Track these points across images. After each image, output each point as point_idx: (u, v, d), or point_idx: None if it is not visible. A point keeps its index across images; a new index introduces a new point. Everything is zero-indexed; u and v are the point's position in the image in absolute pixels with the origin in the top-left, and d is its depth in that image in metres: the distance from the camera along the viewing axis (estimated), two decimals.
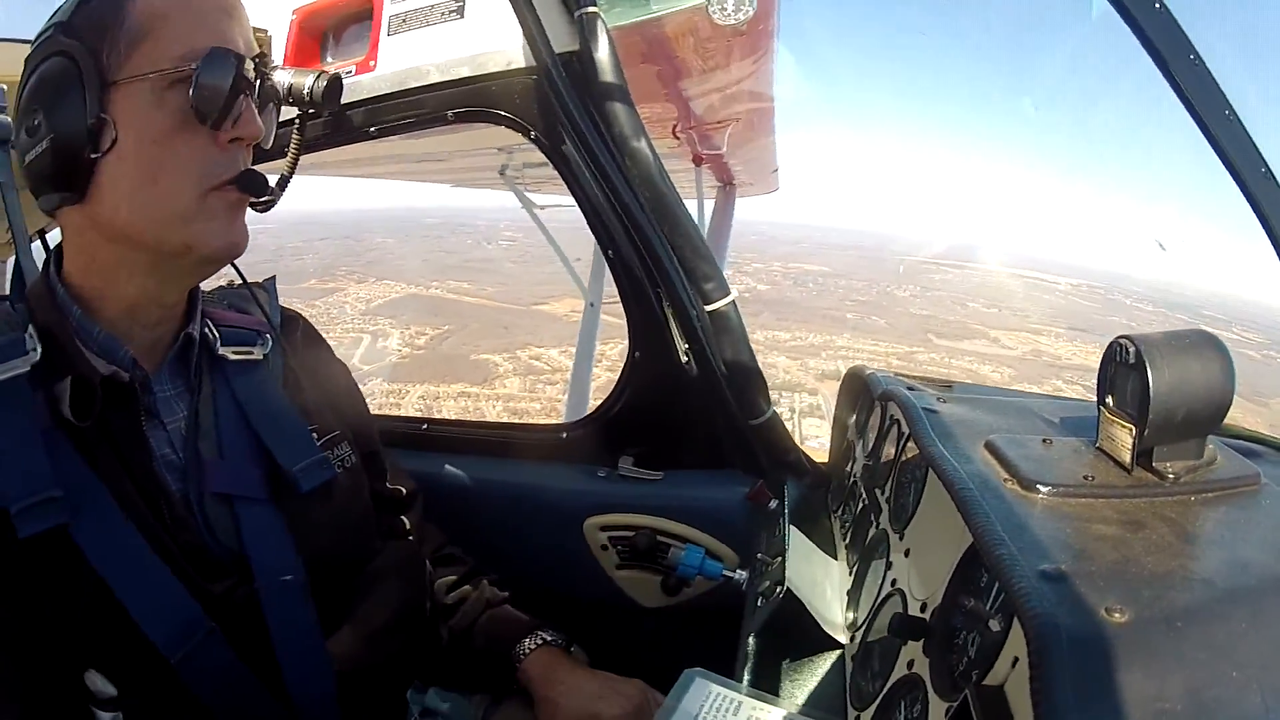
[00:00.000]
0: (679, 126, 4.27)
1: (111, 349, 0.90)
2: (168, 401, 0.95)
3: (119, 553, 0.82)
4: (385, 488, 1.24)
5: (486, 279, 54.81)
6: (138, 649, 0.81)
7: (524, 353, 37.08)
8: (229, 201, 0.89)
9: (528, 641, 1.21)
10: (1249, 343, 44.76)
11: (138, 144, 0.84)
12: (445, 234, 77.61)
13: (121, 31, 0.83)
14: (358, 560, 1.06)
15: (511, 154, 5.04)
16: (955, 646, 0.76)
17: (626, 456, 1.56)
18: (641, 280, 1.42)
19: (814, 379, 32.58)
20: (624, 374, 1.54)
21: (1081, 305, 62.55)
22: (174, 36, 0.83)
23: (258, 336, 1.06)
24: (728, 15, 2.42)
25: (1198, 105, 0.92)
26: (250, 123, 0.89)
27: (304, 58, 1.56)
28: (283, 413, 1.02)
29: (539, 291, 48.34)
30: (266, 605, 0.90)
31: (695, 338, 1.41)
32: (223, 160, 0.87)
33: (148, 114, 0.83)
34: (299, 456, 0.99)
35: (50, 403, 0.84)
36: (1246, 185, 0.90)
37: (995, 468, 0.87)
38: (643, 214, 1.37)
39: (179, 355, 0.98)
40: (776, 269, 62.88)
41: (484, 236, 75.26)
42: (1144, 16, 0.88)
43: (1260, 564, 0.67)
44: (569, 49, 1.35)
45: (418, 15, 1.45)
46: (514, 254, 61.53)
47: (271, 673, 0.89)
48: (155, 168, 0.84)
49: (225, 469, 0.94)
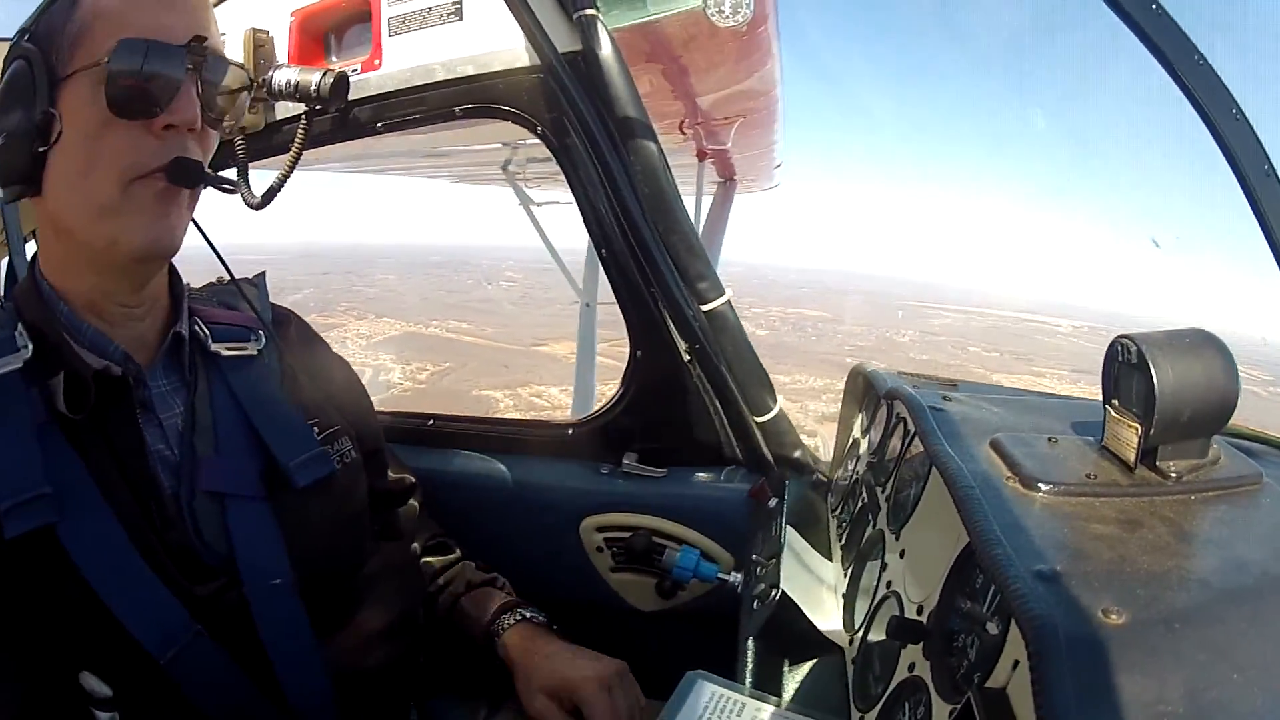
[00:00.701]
0: (686, 122, 4.27)
1: (102, 344, 0.91)
2: (163, 397, 0.95)
3: (104, 554, 0.82)
4: (387, 481, 1.24)
5: (485, 319, 55.39)
6: (127, 650, 0.82)
7: (525, 390, 37.20)
8: (155, 191, 0.86)
9: (506, 618, 1.22)
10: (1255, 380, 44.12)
11: (74, 137, 0.85)
12: (448, 273, 78.17)
13: (68, 30, 0.84)
14: (351, 560, 1.05)
15: (515, 149, 5.05)
16: (955, 649, 0.76)
17: (631, 453, 1.57)
18: (636, 281, 1.42)
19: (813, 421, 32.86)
20: (627, 373, 1.54)
21: (1084, 347, 62.29)
22: (108, 30, 0.84)
23: (250, 333, 1.06)
24: (725, 18, 2.42)
25: (1204, 103, 0.92)
26: (182, 108, 0.86)
27: (308, 58, 1.56)
28: (280, 407, 1.02)
29: (538, 333, 49.01)
30: (255, 607, 0.89)
31: (694, 337, 1.41)
32: (156, 149, 0.86)
33: (85, 108, 0.84)
34: (297, 451, 0.98)
35: (45, 398, 0.84)
36: (1249, 185, 0.89)
37: (999, 466, 0.86)
38: (640, 212, 1.37)
39: (171, 352, 0.98)
40: (775, 314, 63.20)
41: (485, 277, 76.10)
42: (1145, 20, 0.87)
43: (1259, 563, 0.67)
44: (572, 49, 1.35)
45: (417, 17, 1.45)
46: (514, 295, 62.28)
47: (265, 675, 0.89)
48: (87, 160, 0.85)
49: (219, 466, 0.94)
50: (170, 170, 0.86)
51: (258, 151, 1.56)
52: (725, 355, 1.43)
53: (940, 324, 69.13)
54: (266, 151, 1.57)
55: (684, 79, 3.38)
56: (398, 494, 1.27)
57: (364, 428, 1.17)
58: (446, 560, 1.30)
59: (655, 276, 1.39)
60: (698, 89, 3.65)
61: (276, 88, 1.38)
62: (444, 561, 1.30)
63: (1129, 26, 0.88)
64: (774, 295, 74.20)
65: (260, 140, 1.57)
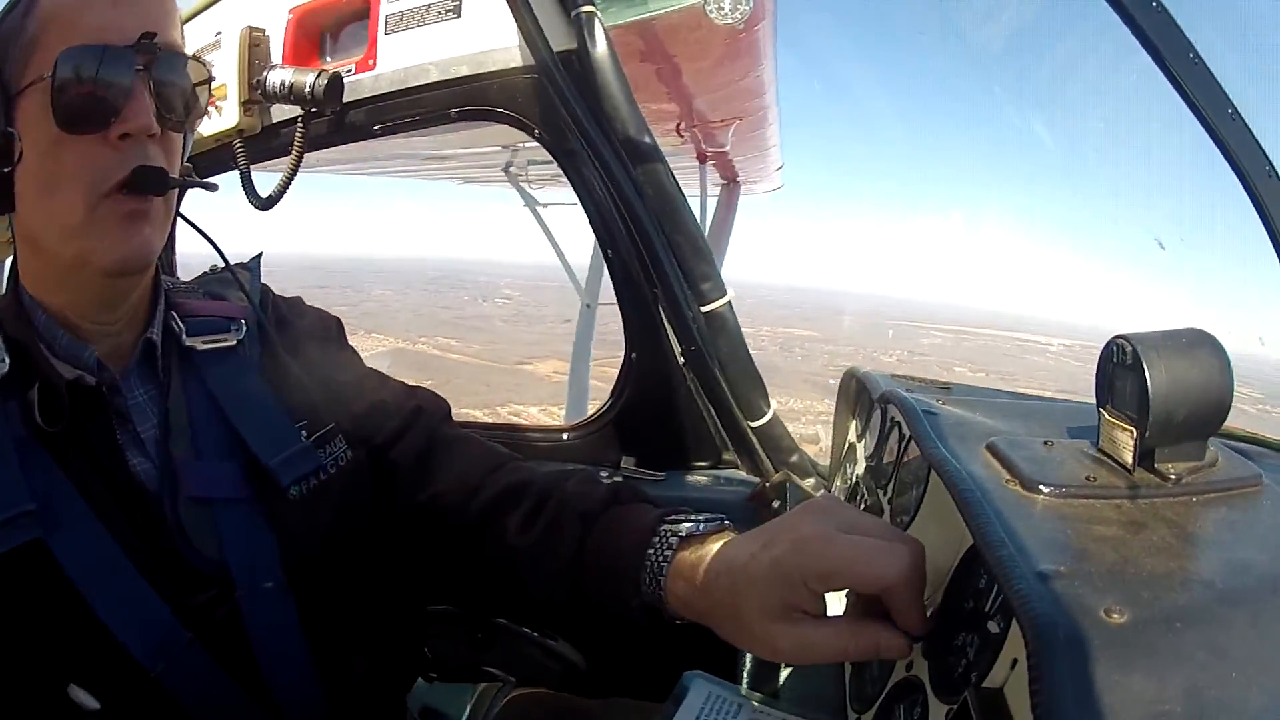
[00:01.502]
0: (682, 124, 4.27)
1: (75, 354, 0.88)
2: (140, 407, 0.92)
3: (94, 565, 0.80)
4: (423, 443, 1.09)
5: (476, 336, 55.35)
6: (118, 662, 0.80)
7: (504, 409, 37.16)
8: (124, 210, 0.83)
9: (666, 529, 0.86)
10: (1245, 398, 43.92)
11: (34, 156, 0.81)
12: (445, 289, 77.85)
13: (20, 42, 0.81)
14: (350, 568, 1.00)
15: (516, 151, 5.05)
16: (954, 649, 0.76)
17: (629, 457, 1.56)
18: (639, 281, 1.42)
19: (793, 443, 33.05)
20: (621, 375, 1.54)
21: (1072, 366, 62.33)
22: (58, 38, 0.79)
23: (230, 323, 1.00)
24: (724, 15, 2.42)
25: (1201, 104, 0.92)
26: (136, 115, 0.81)
27: (303, 57, 1.56)
28: (259, 401, 0.96)
29: (524, 352, 48.76)
30: (247, 614, 0.87)
31: (691, 339, 1.41)
32: (116, 161, 0.82)
33: (39, 124, 0.80)
34: (278, 448, 0.93)
35: (23, 412, 0.82)
36: (1252, 186, 0.89)
37: (997, 469, 0.86)
38: (646, 212, 1.37)
39: (144, 359, 0.94)
40: (765, 333, 63.04)
41: (481, 293, 75.65)
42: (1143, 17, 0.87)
43: (1261, 565, 0.67)
44: (567, 48, 1.35)
45: (414, 14, 1.45)
46: (507, 313, 61.82)
47: (255, 680, 0.87)
48: (49, 179, 0.82)
49: (201, 470, 0.90)
50: (131, 181, 0.82)
51: (257, 155, 1.56)
52: (720, 357, 1.43)
53: (930, 344, 69.26)
54: (266, 154, 1.57)
55: (679, 79, 3.38)
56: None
57: (377, 417, 1.07)
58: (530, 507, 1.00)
59: (659, 276, 1.39)
60: (694, 89, 3.65)
61: (271, 89, 1.38)
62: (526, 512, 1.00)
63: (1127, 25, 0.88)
64: (765, 315, 74.42)
65: (259, 143, 1.57)
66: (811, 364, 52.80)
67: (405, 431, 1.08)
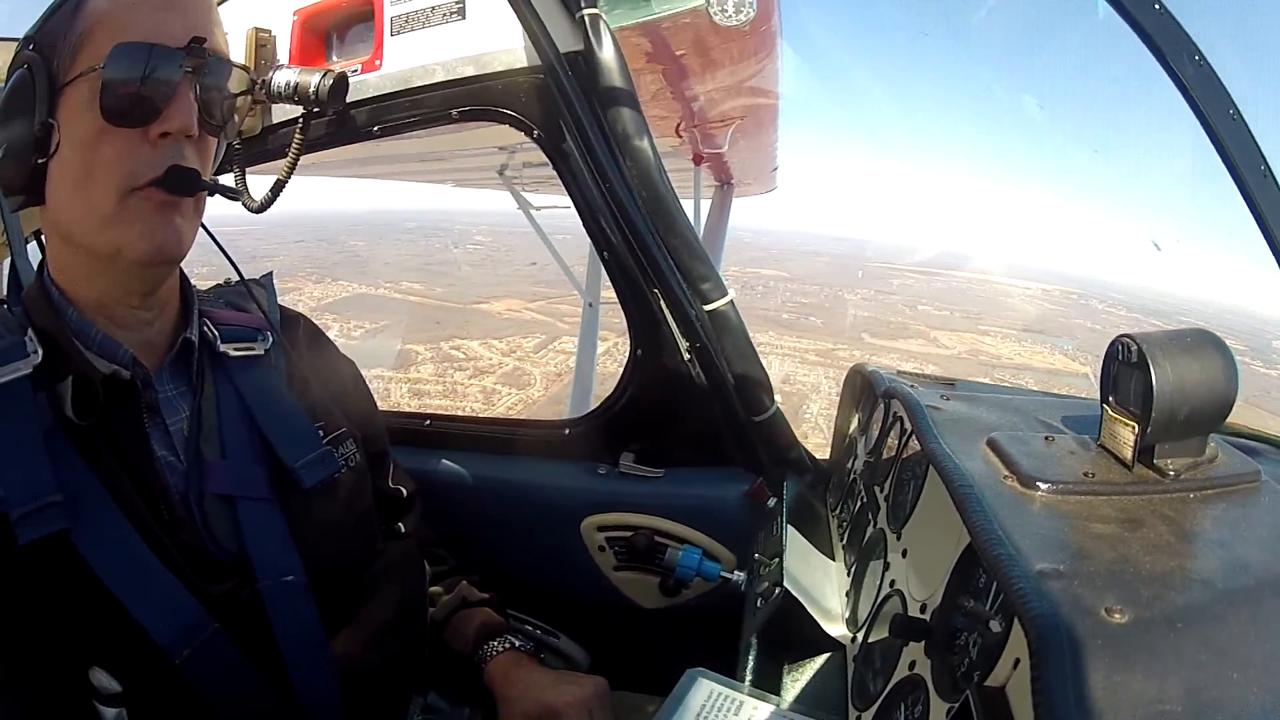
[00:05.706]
0: (682, 125, 4.27)
1: (110, 348, 0.90)
2: (170, 401, 0.95)
3: (120, 556, 0.82)
4: (387, 486, 1.24)
5: (439, 280, 55.57)
6: (142, 649, 0.82)
7: (446, 344, 38.46)
8: (154, 203, 0.86)
9: (495, 644, 1.21)
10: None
11: (71, 147, 0.84)
12: (420, 238, 77.62)
13: (69, 37, 0.83)
14: (360, 560, 1.06)
15: (512, 154, 5.05)
16: (956, 648, 0.76)
17: (628, 453, 1.57)
18: (638, 280, 1.42)
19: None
20: (626, 372, 1.54)
21: (1045, 309, 61.34)
22: (108, 36, 0.82)
23: (257, 333, 1.06)
24: (729, 16, 2.42)
25: (1202, 104, 0.92)
26: (178, 115, 0.84)
27: (309, 57, 1.56)
28: (286, 408, 1.02)
29: (483, 292, 49.41)
30: (269, 605, 0.90)
31: (696, 336, 1.41)
32: (152, 158, 0.85)
33: (82, 117, 0.83)
34: (302, 452, 0.99)
35: (53, 404, 0.84)
36: (1245, 184, 0.90)
37: (996, 465, 0.87)
38: (639, 215, 1.37)
39: (179, 357, 0.98)
40: (733, 272, 61.82)
41: (454, 240, 75.38)
42: (1145, 17, 0.88)
43: (1260, 563, 0.67)
44: (573, 49, 1.35)
45: (420, 16, 1.45)
46: (476, 258, 61.88)
47: (277, 671, 0.89)
48: (85, 171, 0.84)
49: (227, 469, 0.94)
50: (165, 181, 0.85)
51: (254, 156, 1.56)
52: (725, 354, 1.43)
53: (899, 283, 67.66)
54: (263, 156, 1.57)
55: (683, 80, 3.37)
56: (397, 500, 1.26)
57: (370, 430, 1.17)
58: (438, 571, 1.28)
59: (658, 277, 1.39)
60: (696, 90, 3.64)
61: (276, 89, 1.38)
62: (436, 572, 1.28)
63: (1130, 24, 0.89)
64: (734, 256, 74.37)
65: (257, 144, 1.57)
66: (769, 301, 52.77)
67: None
